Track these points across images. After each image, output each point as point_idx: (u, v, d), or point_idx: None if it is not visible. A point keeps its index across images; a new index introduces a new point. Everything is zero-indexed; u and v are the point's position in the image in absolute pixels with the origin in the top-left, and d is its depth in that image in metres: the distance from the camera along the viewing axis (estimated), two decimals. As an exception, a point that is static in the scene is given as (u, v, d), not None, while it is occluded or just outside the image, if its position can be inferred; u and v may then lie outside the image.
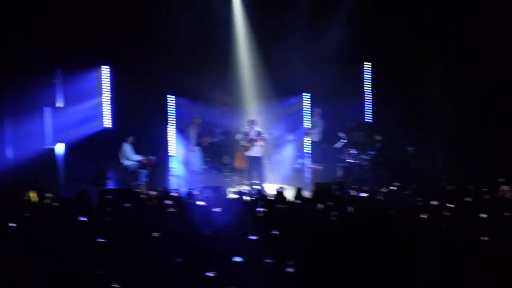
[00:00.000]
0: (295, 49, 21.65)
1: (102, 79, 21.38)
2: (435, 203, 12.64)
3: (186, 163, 21.04)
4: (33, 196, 14.11)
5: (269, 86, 21.59)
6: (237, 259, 9.39)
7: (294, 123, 22.54)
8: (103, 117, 21.20)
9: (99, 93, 21.45)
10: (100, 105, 21.26)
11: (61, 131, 19.15)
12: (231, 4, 21.36)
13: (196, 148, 20.81)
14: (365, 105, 23.68)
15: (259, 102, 21.61)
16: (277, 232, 10.45)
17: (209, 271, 8.76)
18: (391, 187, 15.21)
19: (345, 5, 21.53)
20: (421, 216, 11.36)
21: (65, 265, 9.24)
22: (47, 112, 18.18)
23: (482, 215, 11.48)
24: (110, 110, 21.40)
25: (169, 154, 22.07)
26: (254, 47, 21.78)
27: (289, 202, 13.33)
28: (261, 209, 12.37)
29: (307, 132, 21.90)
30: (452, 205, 12.27)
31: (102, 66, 21.36)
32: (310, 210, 12.44)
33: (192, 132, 20.74)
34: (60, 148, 18.60)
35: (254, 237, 10.23)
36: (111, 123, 21.31)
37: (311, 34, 21.48)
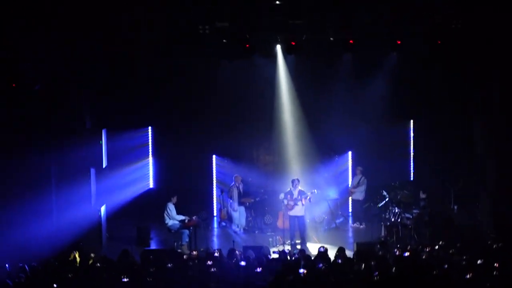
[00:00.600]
0: (338, 108, 21.77)
1: (147, 140, 21.82)
2: (480, 262, 12.42)
3: (229, 222, 21.08)
4: (76, 256, 14.26)
5: (312, 145, 21.66)
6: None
7: (337, 182, 22.45)
8: (148, 178, 21.47)
9: (143, 153, 21.77)
10: (144, 165, 21.58)
11: (106, 192, 19.37)
12: (275, 64, 21.54)
13: (239, 208, 20.84)
14: (409, 163, 23.58)
15: (302, 161, 21.61)
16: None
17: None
18: (435, 246, 15.00)
19: (389, 65, 21.57)
20: (466, 276, 11.18)
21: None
22: (93, 173, 18.41)
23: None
24: (152, 171, 21.68)
25: (212, 214, 22.16)
26: (297, 107, 21.89)
27: (331, 262, 13.24)
28: (303, 270, 12.29)
29: (350, 191, 21.79)
30: (497, 264, 12.05)
31: (147, 127, 21.79)
32: (352, 270, 12.32)
33: (235, 191, 20.81)
34: (104, 209, 18.79)
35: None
36: (153, 183, 21.51)
37: (354, 93, 21.62)
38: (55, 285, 11.48)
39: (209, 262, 13.04)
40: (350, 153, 23.00)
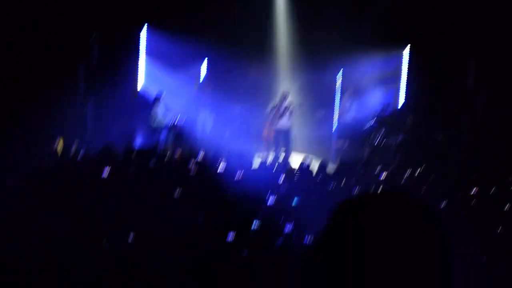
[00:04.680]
0: (334, 29, 21.41)
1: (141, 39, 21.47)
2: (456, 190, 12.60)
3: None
4: (61, 144, 14.30)
5: (305, 62, 21.53)
6: (256, 224, 9.49)
7: (326, 99, 22.33)
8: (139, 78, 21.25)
9: (137, 53, 21.46)
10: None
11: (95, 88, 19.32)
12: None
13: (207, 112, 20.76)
14: (401, 89, 23.45)
15: (293, 76, 21.54)
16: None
17: (228, 235, 8.85)
18: (416, 171, 15.13)
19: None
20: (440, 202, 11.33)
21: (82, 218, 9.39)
22: (82, 68, 18.29)
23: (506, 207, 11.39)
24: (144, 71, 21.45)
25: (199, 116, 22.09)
26: (293, 23, 21.67)
27: (312, 176, 13.37)
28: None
29: (340, 111, 21.61)
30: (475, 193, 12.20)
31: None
32: (331, 185, 12.48)
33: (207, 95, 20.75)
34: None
35: (272, 203, 10.33)
36: (144, 84, 21.35)
37: (353, 14, 21.16)
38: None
39: (192, 164, 13.15)
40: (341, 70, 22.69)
